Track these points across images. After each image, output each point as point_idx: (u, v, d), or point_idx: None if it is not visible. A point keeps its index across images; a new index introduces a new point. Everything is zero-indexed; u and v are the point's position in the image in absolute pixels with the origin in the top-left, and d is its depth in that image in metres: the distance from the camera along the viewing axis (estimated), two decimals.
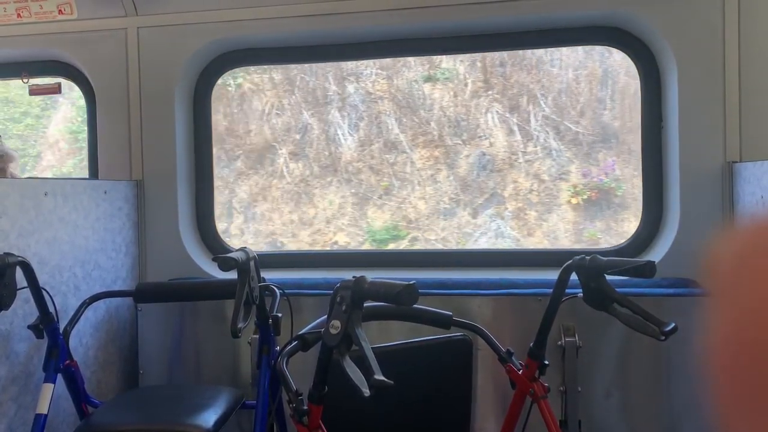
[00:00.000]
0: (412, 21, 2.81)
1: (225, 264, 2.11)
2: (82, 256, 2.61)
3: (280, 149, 4.85)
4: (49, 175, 5.95)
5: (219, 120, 4.79)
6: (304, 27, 2.88)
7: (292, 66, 4.59)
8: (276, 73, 4.86)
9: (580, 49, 4.42)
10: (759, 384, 0.36)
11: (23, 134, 6.16)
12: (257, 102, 4.91)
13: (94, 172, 3.14)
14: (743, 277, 0.38)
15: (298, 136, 4.83)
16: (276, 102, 4.88)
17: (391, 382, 1.40)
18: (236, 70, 3.81)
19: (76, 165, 5.84)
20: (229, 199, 4.86)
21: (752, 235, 0.40)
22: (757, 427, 0.36)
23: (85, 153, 3.29)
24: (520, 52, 4.31)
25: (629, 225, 4.29)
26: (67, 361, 2.30)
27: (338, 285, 1.56)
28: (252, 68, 4.72)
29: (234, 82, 4.85)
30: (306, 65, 4.58)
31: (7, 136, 5.73)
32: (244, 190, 4.89)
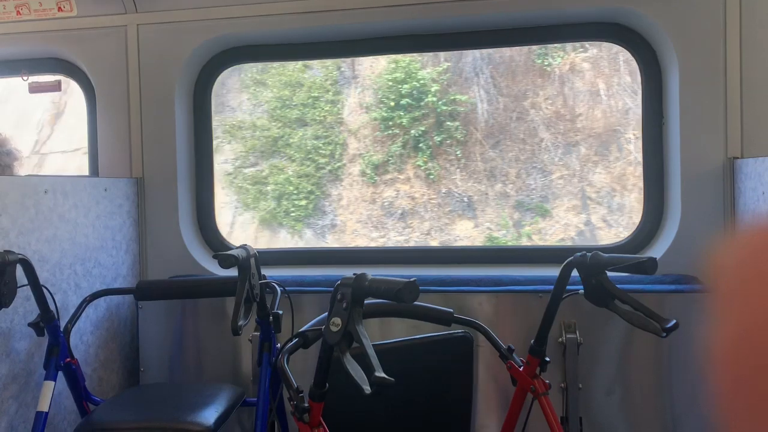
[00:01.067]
0: (412, 18, 2.80)
1: (225, 261, 2.11)
2: (82, 253, 2.61)
3: (626, 133, 4.50)
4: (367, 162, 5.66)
5: (541, 102, 4.50)
6: (305, 24, 2.88)
7: (610, 45, 4.31)
8: (600, 50, 4.46)
9: None
10: (760, 380, 0.36)
11: (322, 119, 5.85)
12: (580, 83, 4.57)
13: (94, 170, 3.13)
14: (744, 274, 0.38)
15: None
16: (605, 81, 4.55)
17: (392, 379, 1.39)
18: (554, 47, 3.48)
19: (393, 153, 5.54)
20: (580, 189, 4.53)
21: (753, 232, 0.40)
22: (757, 423, 0.36)
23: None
24: None
25: None
26: (68, 359, 2.30)
27: (339, 282, 1.56)
28: (569, 46, 4.34)
29: (554, 61, 4.56)
30: None
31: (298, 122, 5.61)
32: (597, 179, 4.53)
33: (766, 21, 2.55)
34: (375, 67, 5.48)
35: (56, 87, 3.27)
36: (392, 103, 5.50)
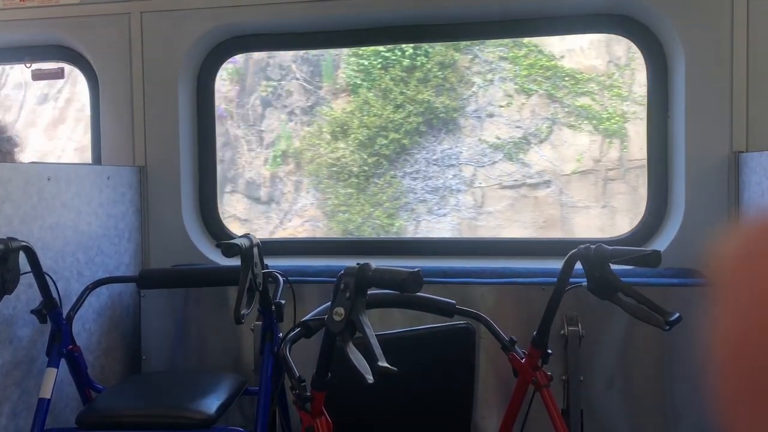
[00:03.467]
0: (418, 8, 2.79)
1: (229, 250, 2.11)
2: (85, 241, 2.61)
3: None
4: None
5: None
6: (310, 12, 2.86)
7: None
8: None
9: None
10: (761, 375, 0.36)
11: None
12: None
13: (97, 158, 3.13)
14: (747, 268, 0.38)
15: None
16: None
17: (395, 368, 1.39)
18: None
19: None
20: None
21: (757, 226, 0.40)
22: (758, 418, 0.36)
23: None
24: None
25: None
26: (70, 346, 2.31)
27: (342, 272, 1.55)
28: None
29: None
30: None
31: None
32: None
33: None
34: None
35: (59, 74, 3.26)
36: None
